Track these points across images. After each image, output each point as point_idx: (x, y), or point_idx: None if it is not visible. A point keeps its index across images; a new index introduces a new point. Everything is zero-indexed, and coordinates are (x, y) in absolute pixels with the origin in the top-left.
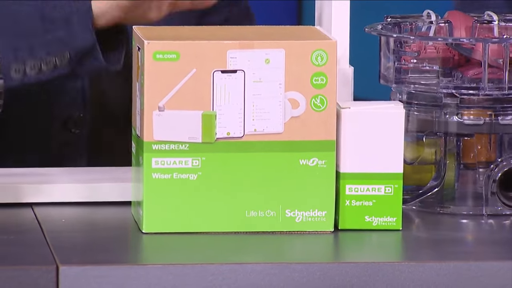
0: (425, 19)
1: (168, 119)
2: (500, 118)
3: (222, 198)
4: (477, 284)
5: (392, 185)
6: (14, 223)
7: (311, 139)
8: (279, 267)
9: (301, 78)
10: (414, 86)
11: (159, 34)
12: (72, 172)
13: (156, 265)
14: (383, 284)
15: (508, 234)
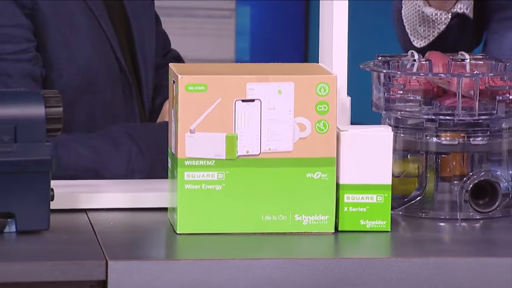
0: (409, 58)
1: (197, 140)
2: (472, 139)
3: (242, 205)
4: (452, 276)
5: (382, 194)
6: (71, 226)
7: (316, 156)
8: (289, 262)
9: (307, 106)
10: (400, 113)
11: (190, 70)
12: (119, 184)
13: (187, 260)
14: (375, 276)
15: (478, 235)
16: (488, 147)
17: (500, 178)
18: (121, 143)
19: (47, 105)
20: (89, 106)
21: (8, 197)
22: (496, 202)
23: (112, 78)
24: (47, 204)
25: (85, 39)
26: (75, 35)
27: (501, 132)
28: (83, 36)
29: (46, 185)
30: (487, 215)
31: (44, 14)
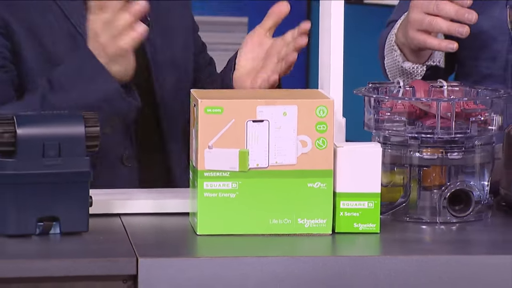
0: (395, 85)
1: (215, 155)
2: (449, 154)
3: (253, 210)
4: (433, 272)
5: (373, 201)
6: (107, 228)
7: (316, 168)
8: (293, 259)
9: (308, 126)
10: (388, 131)
11: (208, 95)
12: (148, 192)
13: (206, 258)
14: (367, 271)
15: (455, 236)
16: (463, 161)
17: (473, 187)
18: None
19: (87, 125)
20: None
21: (53, 203)
22: (470, 208)
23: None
24: (87, 209)
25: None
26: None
27: (474, 148)
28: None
29: (86, 193)
30: (462, 219)
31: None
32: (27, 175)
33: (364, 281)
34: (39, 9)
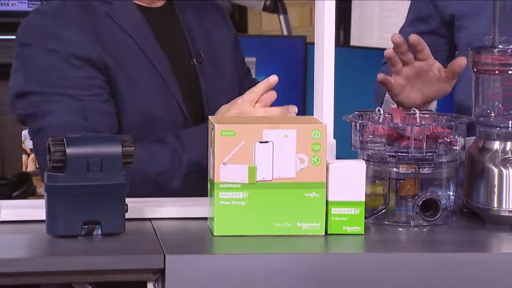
0: (377, 113)
1: (228, 170)
2: (421, 169)
3: (260, 215)
4: (408, 266)
5: (358, 208)
6: (140, 230)
7: (312, 181)
8: (293, 256)
9: (305, 146)
10: (370, 151)
11: (223, 120)
12: (174, 200)
13: (221, 254)
14: (354, 265)
15: (426, 237)
16: (432, 175)
17: (441, 197)
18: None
19: (124, 145)
20: None
21: (95, 210)
22: (438, 214)
23: (172, 123)
24: (123, 214)
25: (148, 91)
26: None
27: (441, 165)
28: (146, 87)
29: (122, 201)
30: (432, 223)
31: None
32: (74, 186)
33: (351, 274)
34: (126, 52)
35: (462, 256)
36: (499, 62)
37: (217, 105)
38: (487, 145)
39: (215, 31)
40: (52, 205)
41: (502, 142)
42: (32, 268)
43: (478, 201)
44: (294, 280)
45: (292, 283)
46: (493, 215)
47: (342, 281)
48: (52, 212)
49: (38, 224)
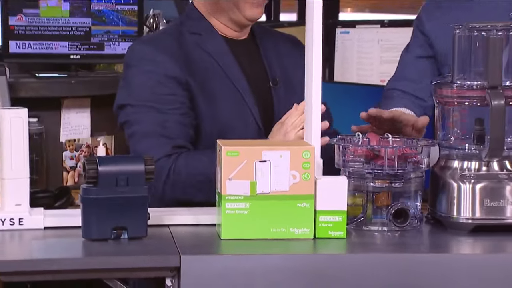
0: (357, 137)
1: (233, 184)
2: (393, 184)
3: (259, 222)
4: (383, 264)
5: (341, 216)
6: (159, 234)
7: (302, 194)
8: (287, 256)
9: (297, 164)
10: (351, 168)
11: (229, 143)
12: (188, 209)
13: (228, 254)
14: (338, 264)
15: (397, 240)
16: (402, 189)
17: (410, 207)
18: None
19: (146, 164)
20: None
21: (122, 218)
22: (407, 221)
23: (248, 132)
24: (146, 221)
25: (227, 105)
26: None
27: (410, 180)
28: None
29: (145, 210)
30: (402, 228)
31: (195, 88)
32: (105, 198)
33: (335, 271)
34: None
35: (428, 256)
36: (457, 95)
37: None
38: (448, 164)
39: (289, 59)
40: (87, 214)
41: (460, 161)
42: (70, 266)
43: (441, 210)
44: (288, 275)
45: (286, 278)
46: (453, 222)
47: (328, 277)
48: (86, 219)
49: (75, 229)
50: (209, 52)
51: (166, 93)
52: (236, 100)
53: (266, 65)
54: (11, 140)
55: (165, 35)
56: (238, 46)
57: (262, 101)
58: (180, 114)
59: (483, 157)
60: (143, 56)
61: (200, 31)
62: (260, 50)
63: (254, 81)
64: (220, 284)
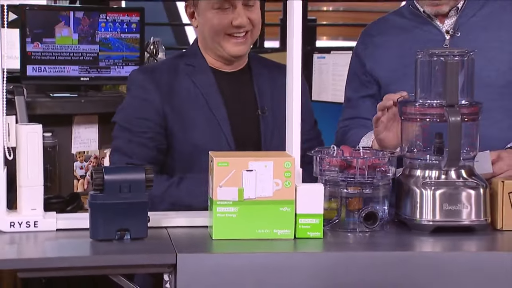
0: (332, 149)
1: (223, 191)
2: (364, 190)
3: (246, 224)
4: (355, 262)
5: (318, 219)
6: (158, 235)
7: (284, 199)
8: (271, 254)
9: (280, 173)
10: (327, 176)
11: (219, 154)
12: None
13: (219, 253)
14: (315, 260)
15: (368, 240)
16: (372, 195)
17: (378, 210)
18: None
19: (146, 173)
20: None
21: (125, 220)
22: (376, 222)
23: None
24: (146, 223)
25: (203, 131)
26: (194, 128)
27: (379, 187)
28: (202, 129)
29: (145, 214)
30: (372, 230)
31: (171, 116)
32: (110, 203)
33: (313, 267)
34: (192, 102)
35: (394, 254)
36: (419, 113)
37: (272, 144)
38: (412, 172)
39: (282, 88)
40: (94, 217)
41: (422, 170)
42: (79, 264)
43: (405, 213)
44: (271, 271)
45: (270, 273)
46: (416, 223)
47: (307, 272)
48: (94, 222)
49: (84, 231)
50: (196, 82)
51: (140, 117)
52: (212, 127)
53: (256, 94)
54: (27, 152)
55: (160, 66)
56: (226, 77)
57: (245, 129)
58: (146, 138)
59: (442, 166)
60: (135, 82)
61: (193, 64)
62: (253, 80)
63: (238, 110)
64: (212, 279)
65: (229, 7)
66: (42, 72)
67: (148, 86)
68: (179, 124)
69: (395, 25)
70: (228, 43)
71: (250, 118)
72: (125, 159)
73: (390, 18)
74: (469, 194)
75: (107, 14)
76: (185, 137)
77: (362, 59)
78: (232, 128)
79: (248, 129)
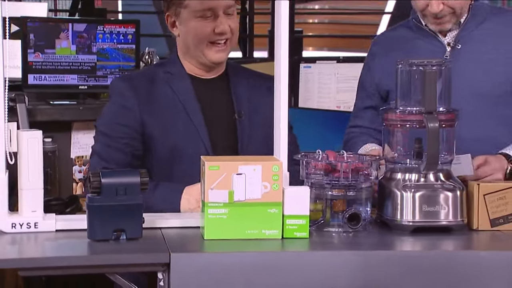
0: (317, 153)
1: (214, 193)
2: (348, 192)
3: (236, 225)
4: (340, 260)
5: (305, 219)
6: (152, 236)
7: (272, 201)
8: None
9: (268, 176)
10: (313, 180)
11: (211, 159)
12: (176, 215)
13: (210, 252)
14: (302, 259)
15: (352, 240)
16: (355, 197)
17: (361, 211)
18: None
19: (141, 177)
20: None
21: (122, 221)
22: (359, 223)
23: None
24: (141, 224)
25: (181, 135)
26: (172, 133)
27: (362, 189)
28: (180, 133)
29: (140, 215)
30: (355, 230)
31: (150, 122)
32: (107, 205)
33: (300, 265)
34: (171, 108)
35: (376, 253)
36: (400, 119)
37: (248, 148)
38: (393, 176)
39: (258, 93)
40: (92, 219)
41: (403, 174)
42: (78, 263)
43: (387, 214)
44: (260, 269)
45: (259, 271)
46: (397, 224)
47: (294, 271)
48: (91, 223)
49: (82, 232)
50: (174, 89)
51: (118, 123)
52: (190, 132)
53: (234, 99)
54: (28, 157)
55: (139, 75)
56: (204, 84)
57: (223, 132)
58: (123, 143)
59: (422, 170)
60: (115, 90)
61: (172, 71)
62: (230, 86)
63: (215, 115)
64: (203, 277)
65: (211, 15)
66: (42, 80)
67: (127, 93)
68: (158, 129)
69: (401, 37)
70: (210, 51)
71: (227, 122)
72: (102, 164)
73: (397, 30)
74: (446, 196)
75: (105, 26)
76: (164, 142)
77: (371, 69)
78: (210, 133)
79: (225, 133)
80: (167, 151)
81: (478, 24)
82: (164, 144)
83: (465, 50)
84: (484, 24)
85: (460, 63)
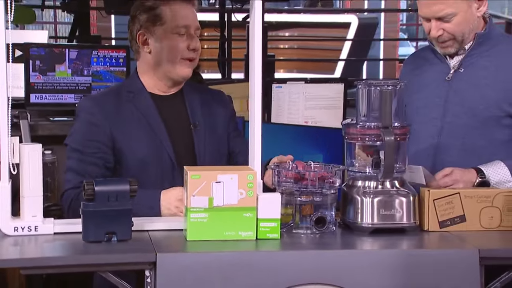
0: (288, 164)
1: (196, 199)
2: (315, 198)
3: (215, 227)
4: (308, 259)
5: (276, 222)
6: (140, 237)
7: (247, 206)
8: (236, 252)
9: (243, 184)
10: (284, 187)
11: (193, 169)
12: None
13: (192, 252)
14: (274, 258)
15: (319, 241)
16: (321, 202)
17: (326, 215)
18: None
19: (130, 185)
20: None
21: (113, 224)
22: (325, 226)
23: (164, 169)
24: (130, 227)
25: (146, 148)
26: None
27: (327, 195)
28: (145, 146)
29: (130, 219)
30: (322, 231)
31: (118, 136)
32: (100, 210)
33: (272, 263)
34: (135, 124)
35: (340, 252)
36: (360, 133)
37: (206, 154)
38: (354, 183)
39: (212, 108)
40: (86, 222)
41: (363, 181)
42: (73, 262)
43: (349, 218)
44: (237, 267)
45: (236, 268)
46: (358, 226)
47: (267, 268)
48: (86, 226)
49: (77, 234)
50: (137, 107)
51: (89, 139)
52: (155, 143)
53: (189, 113)
54: (29, 168)
55: (106, 94)
56: (163, 100)
57: (182, 142)
58: (96, 157)
59: (379, 178)
60: (83, 109)
61: (133, 90)
62: (185, 102)
63: (175, 127)
64: (187, 274)
65: (184, 33)
66: (43, 99)
67: (94, 111)
68: (125, 143)
69: (423, 58)
70: (182, 66)
71: (186, 133)
72: (78, 178)
73: (422, 51)
74: (401, 201)
75: (99, 50)
76: (132, 154)
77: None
78: (173, 144)
79: (185, 143)
80: (136, 162)
81: (483, 51)
82: (132, 156)
83: (467, 74)
84: (489, 52)
85: (461, 85)
